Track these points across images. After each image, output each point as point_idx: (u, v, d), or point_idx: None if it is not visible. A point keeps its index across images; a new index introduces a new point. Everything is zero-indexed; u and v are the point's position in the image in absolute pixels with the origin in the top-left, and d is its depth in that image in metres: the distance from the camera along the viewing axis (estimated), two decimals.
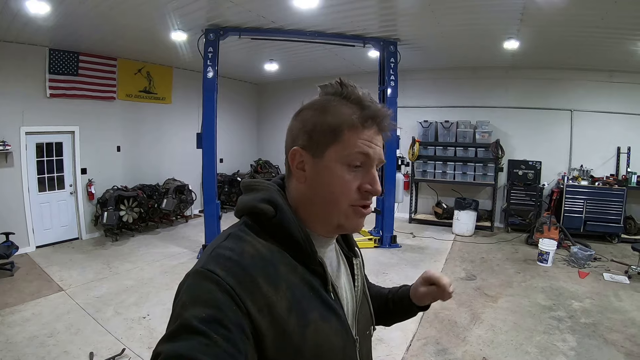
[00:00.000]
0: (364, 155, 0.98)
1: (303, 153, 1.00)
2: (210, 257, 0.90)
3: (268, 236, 0.97)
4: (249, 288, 0.84)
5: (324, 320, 0.95)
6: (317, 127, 0.99)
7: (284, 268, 0.93)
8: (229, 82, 12.37)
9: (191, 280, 0.86)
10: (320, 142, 0.99)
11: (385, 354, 4.54)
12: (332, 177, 0.98)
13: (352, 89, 1.01)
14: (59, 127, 8.44)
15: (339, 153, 0.98)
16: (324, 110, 1.00)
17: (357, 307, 1.14)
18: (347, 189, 0.99)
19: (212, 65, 7.38)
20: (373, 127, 1.00)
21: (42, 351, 4.42)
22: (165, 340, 0.77)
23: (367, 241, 8.60)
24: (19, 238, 7.46)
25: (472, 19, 6.47)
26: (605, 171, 9.55)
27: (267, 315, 0.85)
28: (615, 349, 4.62)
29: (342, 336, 1.00)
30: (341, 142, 0.98)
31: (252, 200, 1.01)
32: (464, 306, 5.79)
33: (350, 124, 0.98)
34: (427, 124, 10.63)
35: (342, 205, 0.99)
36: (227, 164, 12.65)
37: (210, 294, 0.81)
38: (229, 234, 0.97)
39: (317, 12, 6.30)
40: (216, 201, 7.77)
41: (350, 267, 1.20)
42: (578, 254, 7.51)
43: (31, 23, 6.40)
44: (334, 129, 0.98)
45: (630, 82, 9.17)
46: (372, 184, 1.00)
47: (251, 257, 0.90)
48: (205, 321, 0.77)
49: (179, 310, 0.81)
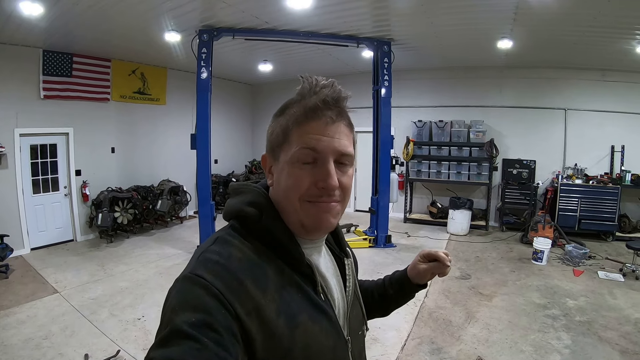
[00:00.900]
0: (309, 149, 0.94)
1: (268, 158, 1.04)
2: (198, 262, 0.90)
3: (255, 239, 0.97)
4: (237, 292, 0.84)
5: (313, 321, 0.95)
6: (274, 132, 1.01)
7: (272, 271, 0.93)
8: (223, 83, 12.35)
9: (180, 286, 0.86)
10: (274, 145, 1.01)
11: (380, 354, 4.54)
12: (286, 178, 0.97)
13: (310, 86, 0.98)
14: (53, 128, 8.41)
15: (287, 153, 0.97)
16: (280, 113, 1.02)
17: (349, 307, 1.14)
18: (298, 185, 0.96)
19: (206, 66, 7.38)
20: (321, 117, 0.96)
21: (38, 353, 4.41)
22: (157, 346, 0.77)
23: (361, 241, 8.62)
24: (14, 240, 7.43)
25: (466, 18, 6.48)
26: (599, 170, 9.58)
27: (256, 319, 0.85)
28: (609, 347, 4.64)
29: (333, 337, 1.00)
30: (289, 141, 0.97)
31: (239, 204, 1.02)
32: (458, 305, 5.80)
33: (295, 120, 0.96)
34: (421, 124, 10.65)
35: (293, 200, 0.97)
36: (222, 164, 12.65)
37: (199, 299, 0.81)
38: (217, 237, 0.98)
39: (311, 12, 6.30)
40: (211, 202, 7.77)
41: (341, 268, 1.19)
42: (573, 252, 7.53)
43: (25, 24, 6.38)
44: (285, 129, 0.98)
45: (624, 81, 9.21)
46: (324, 179, 0.95)
47: (238, 260, 0.90)
48: (196, 326, 0.77)
49: (169, 315, 0.81)
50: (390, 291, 1.46)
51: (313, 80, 0.98)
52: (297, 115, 0.96)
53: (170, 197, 9.95)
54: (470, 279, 6.79)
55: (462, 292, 6.27)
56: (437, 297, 6.00)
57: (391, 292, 1.46)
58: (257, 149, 14.18)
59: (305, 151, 0.94)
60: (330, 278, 1.11)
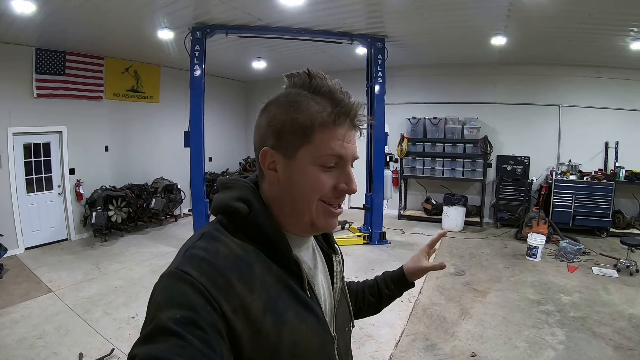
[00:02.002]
0: (337, 157, 0.96)
1: (274, 153, 0.97)
2: (184, 258, 0.89)
3: (243, 235, 0.96)
4: (223, 289, 0.83)
5: (300, 318, 0.95)
6: (287, 126, 0.95)
7: (259, 267, 0.92)
8: (216, 81, 12.33)
9: (165, 282, 0.85)
10: (290, 142, 0.95)
11: (374, 350, 4.55)
12: (305, 179, 0.96)
13: (322, 81, 0.96)
14: (47, 127, 8.37)
15: (312, 155, 0.95)
16: (292, 106, 0.96)
17: (336, 304, 1.14)
18: (320, 188, 0.97)
19: (199, 63, 7.36)
20: (345, 123, 0.96)
21: (32, 353, 4.40)
22: (141, 342, 0.76)
23: (356, 238, 8.64)
24: (8, 240, 7.40)
25: (459, 15, 6.48)
26: (593, 166, 9.62)
27: (242, 316, 0.84)
28: (604, 342, 4.66)
29: (320, 334, 1.00)
30: (313, 142, 0.94)
31: (227, 199, 1.00)
32: (452, 301, 5.81)
33: (321, 123, 0.94)
34: (415, 121, 10.67)
35: (312, 202, 0.98)
36: (216, 162, 12.63)
37: (184, 296, 0.80)
38: (203, 233, 0.96)
39: (304, 9, 6.29)
40: (205, 200, 7.75)
41: (329, 265, 1.19)
42: (567, 248, 7.56)
43: (17, 22, 6.33)
44: (305, 129, 0.94)
45: (618, 77, 9.24)
46: (347, 182, 0.99)
47: (225, 257, 0.89)
48: (180, 322, 0.76)
49: (154, 312, 0.80)
50: (386, 290, 1.51)
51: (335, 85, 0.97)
52: (323, 117, 0.94)
53: (165, 195, 9.93)
54: (464, 275, 6.81)
55: (456, 288, 6.29)
56: (431, 294, 6.01)
57: (386, 292, 1.51)
58: (251, 146, 13.68)
59: (332, 157, 0.96)
60: (317, 274, 1.11)
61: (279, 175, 0.98)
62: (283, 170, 0.97)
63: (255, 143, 1.03)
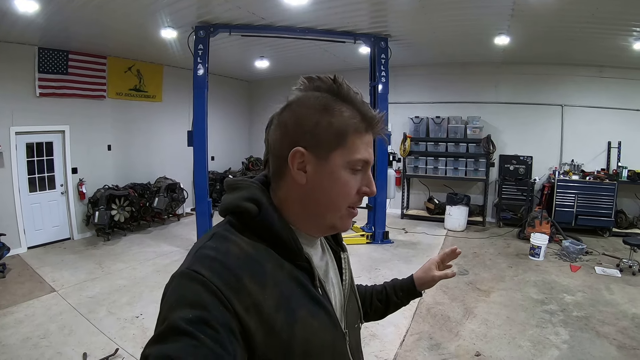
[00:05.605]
0: (364, 161, 1.00)
1: (305, 153, 0.96)
2: (195, 258, 0.89)
3: (253, 234, 0.96)
4: (235, 288, 0.84)
5: (312, 315, 0.95)
6: (321, 129, 0.96)
7: (270, 266, 0.93)
8: (219, 80, 12.31)
9: (177, 282, 0.86)
10: (324, 144, 0.96)
11: (379, 350, 4.55)
12: (336, 182, 0.98)
13: (348, 90, 0.99)
14: (49, 126, 8.37)
15: (345, 158, 0.97)
16: (325, 110, 0.97)
17: (345, 300, 1.15)
18: (349, 193, 1.00)
19: (203, 62, 7.35)
20: (370, 132, 1.01)
21: (36, 353, 4.40)
22: (154, 342, 0.77)
23: (359, 237, 8.63)
24: (10, 239, 7.39)
25: (463, 14, 6.47)
26: (596, 165, 9.61)
27: (255, 315, 0.85)
28: (607, 342, 4.66)
29: (331, 330, 1.01)
30: (346, 147, 0.97)
31: (236, 199, 1.00)
32: (456, 301, 5.82)
33: (354, 129, 0.98)
34: (418, 120, 10.66)
35: (342, 208, 1.01)
36: (219, 161, 12.63)
37: (196, 295, 0.81)
38: (214, 233, 0.97)
39: (308, 8, 6.28)
40: (208, 199, 7.74)
41: (338, 262, 1.21)
42: (570, 248, 7.56)
43: (20, 21, 6.33)
44: (339, 133, 0.96)
45: (621, 77, 9.22)
46: (369, 185, 1.03)
47: (236, 256, 0.90)
48: (193, 322, 0.77)
49: (166, 312, 0.81)
50: (394, 298, 1.53)
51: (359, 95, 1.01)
52: (357, 124, 0.98)
53: (167, 195, 9.94)
54: (468, 275, 6.81)
55: (460, 287, 6.29)
56: (435, 293, 6.01)
57: (395, 300, 1.53)
58: (254, 145, 14.13)
59: (360, 162, 0.99)
60: (327, 271, 1.13)
61: (308, 176, 0.98)
62: (313, 171, 0.97)
63: (275, 141, 1.01)
